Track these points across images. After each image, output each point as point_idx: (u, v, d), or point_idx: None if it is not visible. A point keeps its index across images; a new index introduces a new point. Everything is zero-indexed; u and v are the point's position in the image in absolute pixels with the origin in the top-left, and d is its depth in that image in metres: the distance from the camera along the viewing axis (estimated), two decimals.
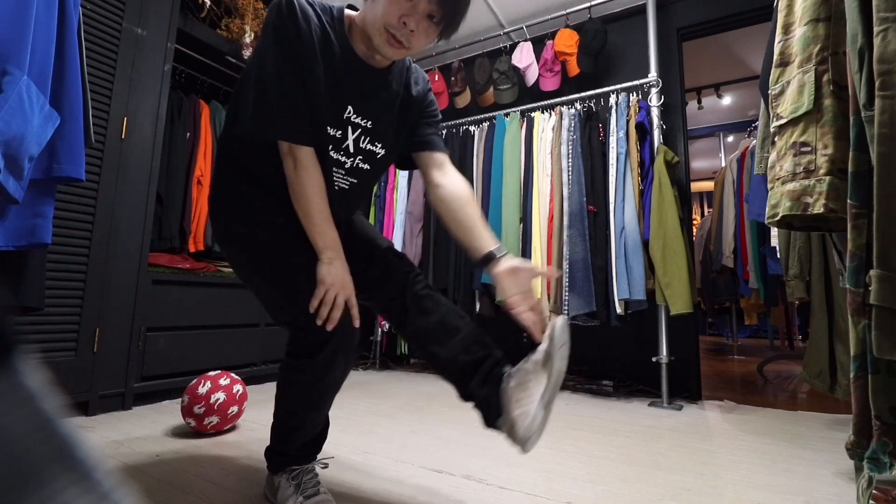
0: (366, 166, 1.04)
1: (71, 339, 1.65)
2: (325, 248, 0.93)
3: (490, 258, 0.99)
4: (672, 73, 2.57)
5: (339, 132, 0.98)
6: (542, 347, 0.89)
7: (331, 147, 0.97)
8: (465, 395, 0.97)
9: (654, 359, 2.19)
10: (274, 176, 0.96)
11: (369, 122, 1.00)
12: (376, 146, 1.04)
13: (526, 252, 2.45)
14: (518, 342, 2.93)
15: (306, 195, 0.92)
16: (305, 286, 0.90)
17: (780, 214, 0.99)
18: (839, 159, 0.89)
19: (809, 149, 0.93)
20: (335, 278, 0.91)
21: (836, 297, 1.70)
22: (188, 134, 2.32)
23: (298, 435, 1.01)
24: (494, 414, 0.90)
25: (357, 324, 0.94)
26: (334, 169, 1.00)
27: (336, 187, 1.02)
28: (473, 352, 0.96)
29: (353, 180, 1.04)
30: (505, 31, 2.98)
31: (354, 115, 0.98)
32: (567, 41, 2.64)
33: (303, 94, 0.91)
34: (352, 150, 1.00)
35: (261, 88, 0.89)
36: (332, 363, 0.92)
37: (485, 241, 1.01)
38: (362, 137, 1.01)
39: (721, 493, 1.14)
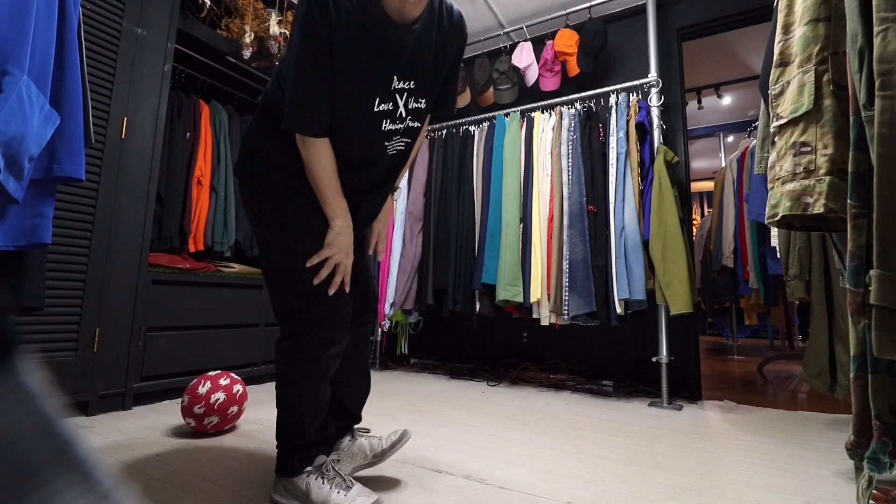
0: (416, 124, 1.10)
1: (71, 339, 1.65)
2: (334, 216, 1.02)
3: None
4: (672, 73, 2.57)
5: (391, 104, 1.03)
6: (384, 444, 1.16)
7: (387, 120, 1.03)
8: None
9: (654, 359, 2.19)
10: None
11: (412, 83, 1.04)
12: (420, 102, 1.08)
13: (526, 252, 2.44)
14: (518, 342, 2.95)
15: (315, 171, 1.00)
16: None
17: (780, 214, 0.99)
18: (839, 159, 0.89)
19: (809, 149, 0.93)
20: (342, 245, 1.01)
21: (836, 297, 1.70)
22: (188, 134, 2.31)
23: (310, 419, 1.04)
24: (322, 451, 1.09)
25: (348, 289, 1.06)
26: (393, 138, 1.06)
27: (394, 151, 1.09)
28: (353, 407, 1.23)
29: (407, 140, 1.11)
30: (505, 31, 2.98)
31: (399, 82, 1.02)
32: (567, 41, 2.64)
33: (321, 86, 0.95)
34: (404, 115, 1.06)
35: (290, 87, 0.96)
36: (332, 336, 1.02)
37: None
38: (410, 100, 1.05)
39: (721, 493, 1.14)
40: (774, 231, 2.08)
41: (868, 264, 0.78)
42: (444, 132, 3.03)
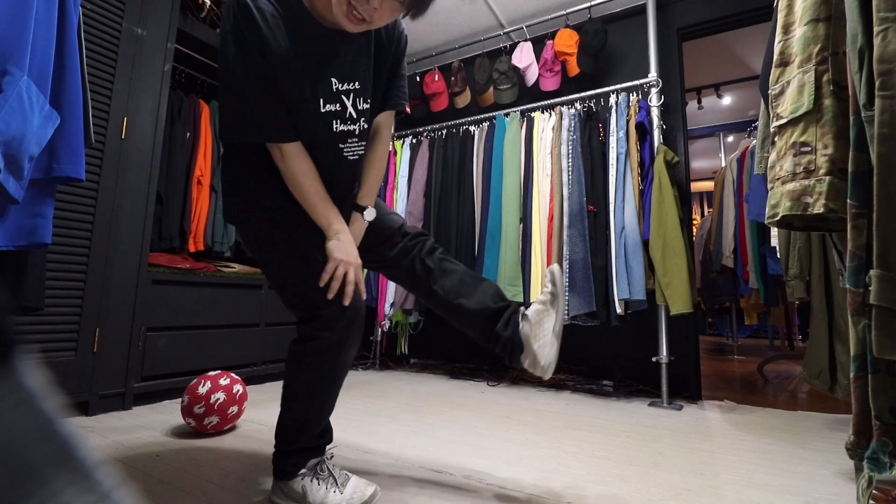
0: (366, 126, 1.08)
1: (71, 339, 1.65)
2: (329, 224, 0.99)
3: (355, 207, 1.11)
4: (672, 73, 2.57)
5: (338, 105, 1.01)
6: (547, 290, 1.07)
7: (337, 121, 1.01)
8: (490, 339, 1.10)
9: (654, 359, 2.19)
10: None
11: (357, 83, 1.02)
12: (368, 103, 1.06)
13: (526, 251, 2.45)
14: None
15: (298, 180, 0.98)
16: (320, 264, 0.97)
17: (780, 214, 0.99)
18: (839, 159, 0.89)
19: (809, 149, 0.93)
20: (344, 253, 0.97)
21: (836, 297, 1.70)
22: (188, 134, 2.32)
23: (314, 423, 1.04)
24: (518, 350, 1.06)
25: (364, 297, 1.03)
26: (349, 140, 1.04)
27: (353, 156, 1.07)
28: (497, 301, 1.12)
29: (364, 142, 1.09)
30: (505, 31, 2.98)
31: (343, 84, 1.00)
32: (567, 41, 2.64)
33: (272, 93, 0.94)
34: (355, 116, 1.04)
35: (231, 97, 0.95)
36: (346, 339, 0.99)
37: (363, 194, 1.12)
38: (358, 100, 1.04)
39: (721, 493, 1.14)
40: (774, 231, 2.08)
41: (868, 264, 0.78)
42: (444, 132, 3.03)
